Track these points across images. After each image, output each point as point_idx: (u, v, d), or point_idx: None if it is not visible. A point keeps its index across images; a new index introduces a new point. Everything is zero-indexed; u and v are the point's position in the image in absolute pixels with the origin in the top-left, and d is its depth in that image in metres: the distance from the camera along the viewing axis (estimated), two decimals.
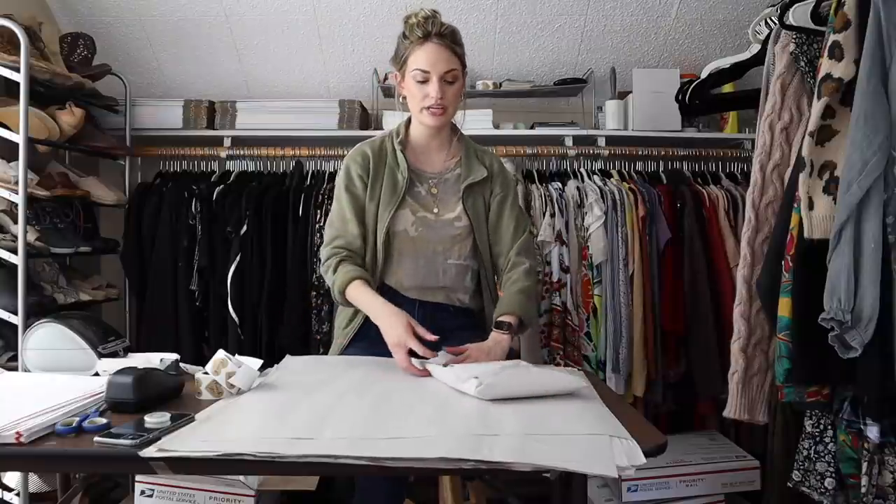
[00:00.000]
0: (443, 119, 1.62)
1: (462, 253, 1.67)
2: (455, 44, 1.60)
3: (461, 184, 1.68)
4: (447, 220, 1.66)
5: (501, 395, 1.17)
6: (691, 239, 2.42)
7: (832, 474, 1.44)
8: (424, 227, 1.64)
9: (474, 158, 1.72)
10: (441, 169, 1.71)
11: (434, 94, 1.57)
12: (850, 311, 1.26)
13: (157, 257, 2.51)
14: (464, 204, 1.67)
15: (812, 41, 1.57)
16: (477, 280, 1.72)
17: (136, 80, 2.81)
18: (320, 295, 2.45)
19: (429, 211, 1.66)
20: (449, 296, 1.67)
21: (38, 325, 1.46)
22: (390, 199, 1.63)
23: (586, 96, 2.91)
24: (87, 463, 1.10)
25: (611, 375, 2.39)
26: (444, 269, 1.66)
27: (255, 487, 2.00)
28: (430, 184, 1.69)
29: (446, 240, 1.65)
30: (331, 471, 1.14)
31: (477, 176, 1.68)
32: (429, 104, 1.59)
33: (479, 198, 1.70)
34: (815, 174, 1.38)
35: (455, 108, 1.64)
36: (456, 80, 1.60)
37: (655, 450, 0.96)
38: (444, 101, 1.59)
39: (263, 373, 1.36)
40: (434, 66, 1.57)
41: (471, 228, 1.67)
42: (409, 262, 1.64)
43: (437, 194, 1.68)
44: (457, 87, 1.61)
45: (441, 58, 1.57)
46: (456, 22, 2.70)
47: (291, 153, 2.66)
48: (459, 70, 1.60)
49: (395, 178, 1.65)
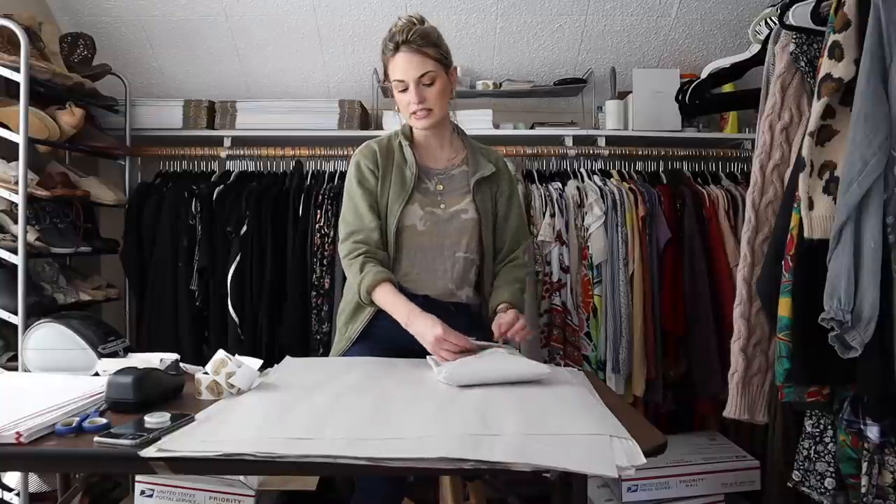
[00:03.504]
0: (430, 121, 1.64)
1: (469, 246, 1.68)
2: (426, 46, 1.59)
3: (471, 178, 1.69)
4: (454, 212, 1.67)
5: (467, 381, 1.27)
6: (691, 239, 2.42)
7: (832, 474, 1.44)
8: (433, 221, 1.65)
9: (480, 155, 1.75)
10: (446, 166, 1.72)
11: (413, 101, 1.60)
12: (850, 311, 1.26)
13: (157, 257, 2.51)
14: (473, 197, 1.68)
15: (812, 41, 1.57)
16: (477, 274, 1.72)
17: (136, 80, 2.81)
18: (320, 295, 2.45)
19: (436, 206, 1.67)
20: (454, 292, 1.67)
21: (38, 325, 1.46)
22: (400, 193, 1.64)
23: (586, 96, 2.91)
24: (87, 463, 1.10)
25: (611, 375, 2.39)
26: (452, 263, 1.66)
27: (255, 487, 2.00)
28: (436, 179, 1.70)
29: (454, 233, 1.66)
30: (331, 471, 1.14)
31: (485, 171, 1.70)
32: (413, 110, 1.62)
33: (488, 193, 1.72)
34: (815, 174, 1.38)
35: (442, 108, 1.64)
36: (434, 81, 1.60)
37: (655, 450, 0.96)
38: (426, 104, 1.61)
39: (263, 373, 1.36)
40: (407, 74, 1.59)
41: (478, 221, 1.68)
42: (419, 257, 1.65)
43: (444, 190, 1.69)
44: (437, 88, 1.61)
45: (412, 64, 1.58)
46: (456, 22, 2.75)
47: (291, 153, 2.66)
48: (437, 70, 1.60)
49: (403, 173, 1.66)
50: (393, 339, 1.63)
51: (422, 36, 1.59)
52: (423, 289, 1.65)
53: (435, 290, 1.66)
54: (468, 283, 1.70)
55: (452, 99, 1.70)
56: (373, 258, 1.60)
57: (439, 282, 1.66)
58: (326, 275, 2.45)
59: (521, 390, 1.23)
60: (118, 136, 2.60)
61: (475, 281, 1.72)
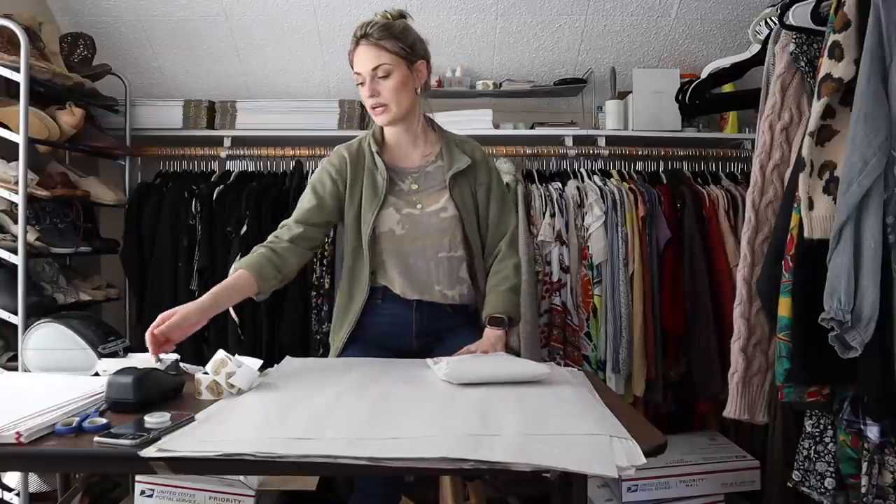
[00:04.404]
0: (388, 116, 1.59)
1: (452, 244, 1.64)
2: (384, 39, 1.55)
3: (446, 174, 1.65)
4: (432, 212, 1.63)
5: (467, 378, 1.27)
6: (691, 239, 2.42)
7: (832, 474, 1.44)
8: (411, 223, 1.61)
9: (455, 148, 1.69)
10: (420, 163, 1.68)
11: (366, 94, 1.58)
12: (850, 311, 1.26)
13: (157, 257, 2.51)
14: (451, 193, 1.64)
15: (812, 41, 1.57)
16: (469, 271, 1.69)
17: (136, 80, 2.80)
18: (320, 295, 2.45)
19: (412, 206, 1.63)
20: (445, 293, 1.64)
21: (38, 325, 1.46)
22: (372, 200, 1.61)
23: (586, 96, 2.91)
24: (87, 463, 1.09)
25: (611, 375, 2.39)
26: (436, 263, 1.63)
27: (255, 487, 2.00)
28: (410, 179, 1.66)
29: (434, 233, 1.62)
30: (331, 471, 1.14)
31: (461, 165, 1.65)
32: (370, 105, 1.59)
33: (466, 187, 1.67)
34: (815, 174, 1.38)
35: (402, 103, 1.59)
36: (389, 74, 1.55)
37: (655, 450, 0.96)
38: (381, 99, 1.57)
39: (263, 373, 1.36)
40: (362, 67, 1.57)
41: (458, 218, 1.64)
42: (401, 262, 1.62)
43: (419, 189, 1.65)
44: (393, 82, 1.56)
45: (367, 57, 1.56)
46: (456, 22, 2.75)
47: (291, 153, 2.66)
48: (393, 63, 1.55)
49: (374, 179, 1.63)
50: (384, 342, 1.63)
51: (381, 29, 1.56)
52: (412, 293, 1.63)
53: (425, 294, 1.63)
54: (459, 282, 1.66)
55: (423, 93, 1.65)
56: (269, 248, 1.54)
57: (426, 285, 1.63)
58: (326, 275, 2.45)
59: (521, 390, 1.23)
60: (118, 136, 2.60)
61: (468, 278, 1.68)
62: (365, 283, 1.62)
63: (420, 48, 1.62)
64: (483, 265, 1.70)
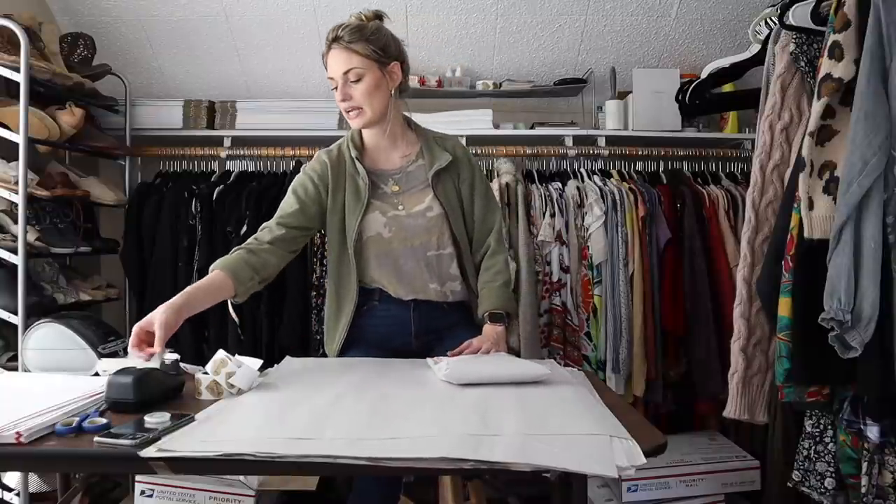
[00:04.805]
0: (363, 120, 1.58)
1: (441, 242, 1.64)
2: (355, 42, 1.53)
3: (428, 172, 1.64)
4: (417, 212, 1.62)
5: (467, 379, 1.26)
6: (691, 239, 2.42)
7: (832, 474, 1.44)
8: (397, 225, 1.61)
9: (435, 146, 1.69)
10: (401, 164, 1.67)
11: (338, 98, 1.57)
12: (850, 311, 1.26)
13: (157, 257, 2.50)
14: (434, 191, 1.64)
15: (812, 41, 1.57)
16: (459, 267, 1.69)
17: (136, 80, 2.81)
18: (320, 295, 2.45)
19: (396, 208, 1.62)
20: (441, 290, 1.65)
21: (38, 325, 1.46)
22: (355, 205, 1.61)
23: (586, 96, 2.91)
24: (87, 463, 1.09)
25: (611, 375, 2.39)
26: (427, 262, 1.63)
27: (255, 487, 2.00)
28: (392, 181, 1.65)
29: (422, 233, 1.62)
30: (330, 471, 1.14)
31: (442, 162, 1.65)
32: (344, 108, 1.58)
33: (449, 183, 1.67)
34: (815, 174, 1.38)
35: (375, 106, 1.57)
36: (361, 77, 1.54)
37: (655, 450, 0.96)
38: (353, 102, 1.56)
39: (263, 373, 1.36)
40: (334, 71, 1.56)
41: (444, 216, 1.63)
42: (392, 264, 1.62)
43: (401, 190, 1.65)
44: (365, 85, 1.55)
45: (338, 60, 1.55)
46: (456, 22, 2.75)
47: (291, 153, 2.66)
48: (364, 67, 1.54)
49: (356, 184, 1.62)
50: (383, 343, 1.63)
51: (352, 32, 1.54)
52: (406, 294, 1.63)
53: (418, 293, 1.63)
54: (451, 279, 1.67)
55: (399, 95, 1.63)
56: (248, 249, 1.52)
57: (419, 284, 1.63)
58: (326, 275, 2.46)
59: (521, 390, 1.23)
60: (118, 136, 2.60)
61: (458, 274, 1.68)
62: (353, 291, 1.62)
63: (393, 50, 1.60)
64: (472, 260, 1.71)
